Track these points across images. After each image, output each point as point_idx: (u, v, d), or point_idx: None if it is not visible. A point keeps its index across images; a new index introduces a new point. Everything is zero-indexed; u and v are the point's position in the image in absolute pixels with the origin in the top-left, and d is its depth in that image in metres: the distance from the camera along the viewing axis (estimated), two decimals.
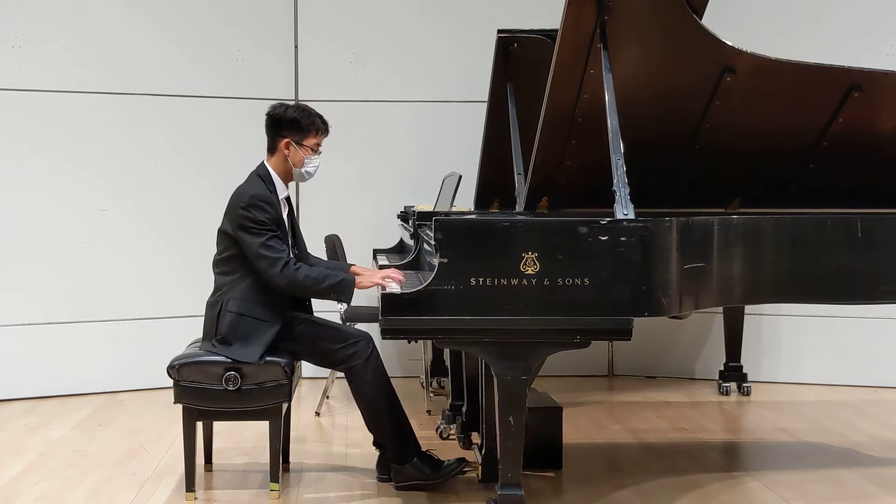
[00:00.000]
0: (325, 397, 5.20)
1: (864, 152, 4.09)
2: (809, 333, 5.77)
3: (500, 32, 4.83)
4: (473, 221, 3.23)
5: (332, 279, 3.64)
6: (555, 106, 3.62)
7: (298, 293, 3.77)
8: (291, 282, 3.61)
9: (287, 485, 3.88)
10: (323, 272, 3.70)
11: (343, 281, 3.63)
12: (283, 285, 3.62)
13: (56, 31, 5.44)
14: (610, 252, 3.10)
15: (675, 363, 6.01)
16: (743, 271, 3.49)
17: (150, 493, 3.79)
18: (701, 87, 3.87)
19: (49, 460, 4.25)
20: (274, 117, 3.80)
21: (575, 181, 3.90)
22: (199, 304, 3.87)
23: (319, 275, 3.66)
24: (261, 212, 3.63)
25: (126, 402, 5.38)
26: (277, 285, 3.63)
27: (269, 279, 3.62)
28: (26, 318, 5.42)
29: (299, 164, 3.79)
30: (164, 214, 5.68)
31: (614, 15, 3.45)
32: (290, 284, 3.62)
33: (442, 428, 4.47)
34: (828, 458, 4.31)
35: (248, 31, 5.82)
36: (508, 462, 3.23)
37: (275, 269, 3.60)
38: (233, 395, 3.62)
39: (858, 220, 3.63)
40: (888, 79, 3.96)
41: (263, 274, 3.63)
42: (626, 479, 3.96)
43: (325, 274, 3.68)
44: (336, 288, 3.63)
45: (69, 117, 5.47)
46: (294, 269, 3.62)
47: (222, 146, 5.71)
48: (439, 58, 5.98)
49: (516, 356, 3.17)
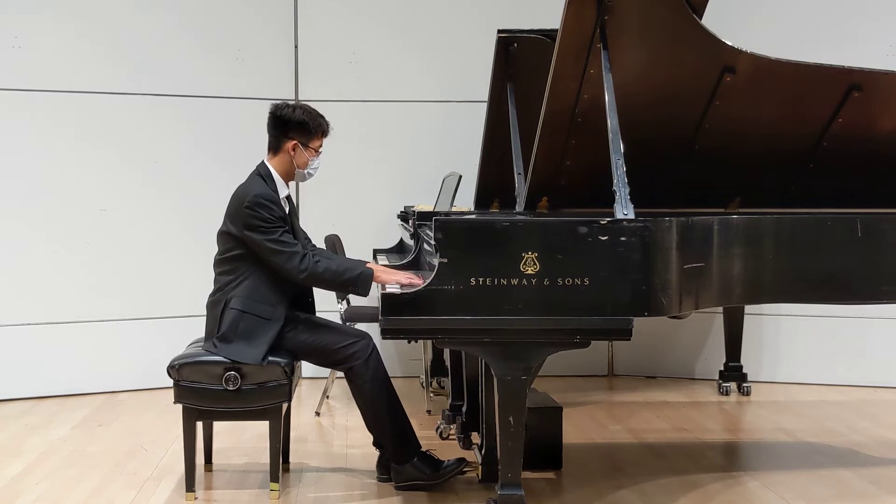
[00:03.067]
0: (325, 397, 5.20)
1: (864, 152, 4.09)
2: (809, 333, 5.77)
3: (500, 32, 4.82)
4: (473, 221, 3.23)
5: (351, 272, 3.62)
6: (555, 106, 3.62)
7: (318, 285, 3.76)
8: (311, 274, 3.61)
9: (287, 485, 3.88)
10: (342, 264, 3.70)
11: (362, 274, 3.61)
12: (303, 278, 3.62)
13: (56, 31, 5.44)
14: (610, 252, 3.10)
15: (675, 363, 6.01)
16: (743, 271, 3.49)
17: (150, 493, 3.79)
18: (701, 87, 3.87)
19: (49, 460, 4.25)
20: (281, 118, 3.77)
21: (575, 181, 3.90)
22: (199, 304, 3.87)
23: (339, 267, 3.66)
24: (266, 210, 3.63)
25: (126, 402, 5.38)
26: (297, 278, 3.62)
27: (287, 273, 3.62)
28: (26, 318, 5.42)
29: (303, 166, 3.79)
30: (165, 214, 5.68)
31: (614, 15, 3.45)
32: (310, 276, 3.62)
33: (442, 428, 4.48)
34: (828, 458, 4.31)
35: (248, 31, 5.82)
36: (508, 462, 3.23)
37: (293, 262, 3.60)
38: (233, 395, 3.63)
39: (858, 220, 3.63)
40: (888, 79, 3.96)
41: (280, 269, 3.62)
42: (626, 479, 3.96)
43: (345, 266, 3.67)
44: (355, 281, 3.61)
45: (69, 117, 5.47)
46: (314, 262, 3.61)
47: (223, 146, 5.71)
48: (439, 58, 5.98)
49: (516, 356, 3.17)
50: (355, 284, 3.62)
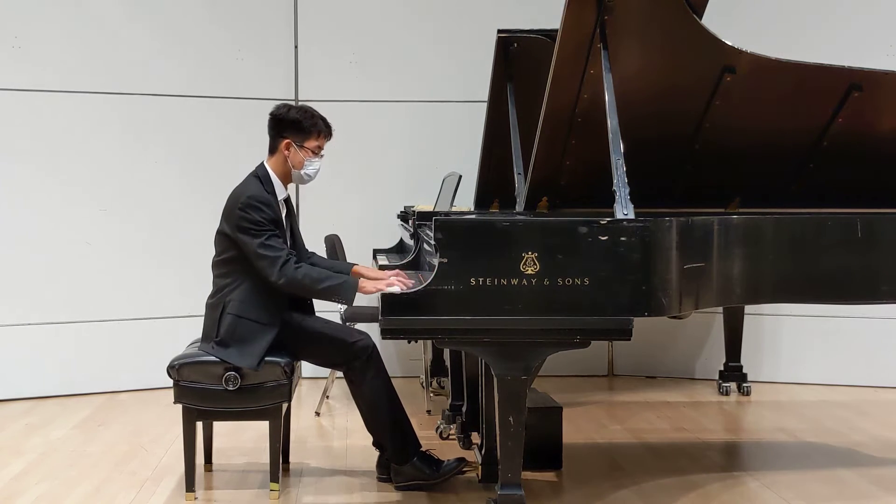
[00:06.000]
0: (325, 397, 5.20)
1: (864, 152, 4.10)
2: (809, 333, 5.77)
3: (500, 32, 4.82)
4: (473, 221, 3.23)
5: (331, 280, 3.61)
6: (555, 106, 3.62)
7: (298, 292, 3.74)
8: (290, 280, 3.60)
9: (287, 485, 3.88)
10: (324, 273, 3.68)
11: (343, 284, 3.59)
12: (282, 283, 3.60)
13: (56, 32, 5.44)
14: (610, 252, 3.10)
15: (675, 363, 6.01)
16: (743, 271, 3.49)
17: (150, 493, 3.79)
18: (701, 87, 3.87)
19: (49, 460, 4.25)
20: (276, 118, 3.78)
21: (575, 181, 3.90)
22: (199, 304, 3.87)
23: (319, 275, 3.64)
24: (258, 212, 3.62)
25: (126, 402, 5.38)
26: (276, 284, 3.61)
27: (267, 278, 3.61)
28: (26, 318, 5.42)
29: (299, 166, 3.78)
30: (165, 214, 5.68)
31: (614, 15, 3.45)
32: (289, 283, 3.60)
33: (442, 428, 4.48)
34: (828, 458, 4.31)
35: (248, 32, 5.82)
36: (508, 462, 3.23)
37: (273, 268, 3.59)
38: (233, 395, 3.62)
39: (858, 220, 3.63)
40: (888, 79, 3.96)
41: (263, 273, 3.62)
42: (626, 479, 3.96)
43: (326, 275, 3.65)
44: (336, 290, 3.59)
45: (69, 117, 5.47)
46: (294, 269, 3.60)
47: (223, 146, 5.72)
48: (439, 58, 5.98)
49: (516, 356, 3.17)
50: (336, 293, 3.59)
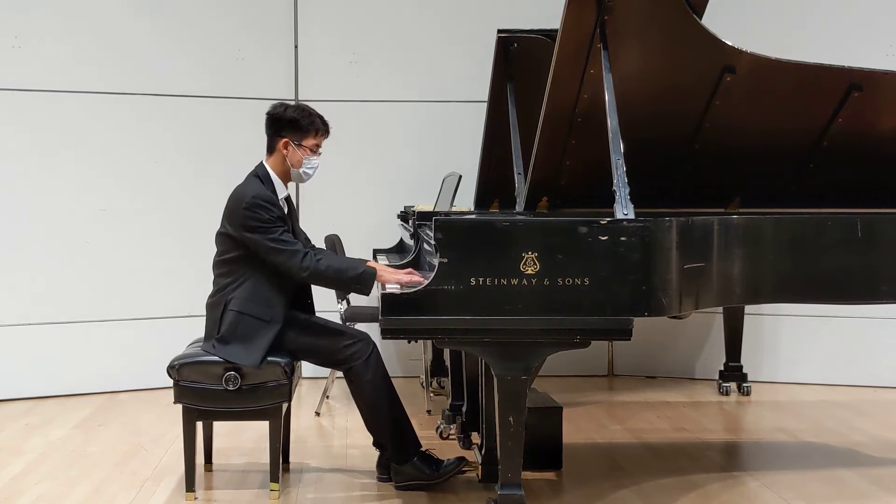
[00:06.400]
0: (325, 397, 5.20)
1: (864, 152, 4.09)
2: (809, 333, 5.77)
3: (500, 32, 4.82)
4: (473, 221, 3.23)
5: (354, 270, 3.61)
6: (555, 106, 3.62)
7: (321, 283, 3.74)
8: (314, 272, 3.60)
9: (287, 485, 3.88)
10: (345, 262, 3.70)
11: (365, 272, 3.59)
12: (306, 276, 3.61)
13: (57, 31, 5.44)
14: (610, 252, 3.10)
15: (675, 363, 6.01)
16: (743, 271, 3.49)
17: (150, 493, 3.79)
18: (701, 87, 3.87)
19: (49, 460, 4.25)
20: (273, 117, 3.79)
21: (575, 181, 3.90)
22: (199, 304, 3.87)
23: (342, 265, 3.66)
24: (265, 210, 3.62)
25: (126, 402, 5.38)
26: (300, 276, 3.62)
27: (289, 272, 3.61)
28: (26, 318, 5.42)
29: (297, 165, 3.78)
30: (165, 214, 5.68)
31: (614, 15, 3.45)
32: (313, 275, 3.61)
33: (442, 428, 4.48)
34: (828, 458, 4.31)
35: (248, 31, 5.82)
36: (508, 462, 3.23)
37: (294, 260, 3.59)
38: (233, 395, 3.62)
39: (858, 220, 3.63)
40: (888, 79, 3.96)
41: (283, 268, 3.61)
42: (626, 479, 3.96)
43: (348, 264, 3.66)
44: (359, 279, 3.58)
45: (69, 117, 5.47)
46: (316, 260, 3.60)
47: (223, 146, 5.72)
48: (439, 58, 5.98)
49: (516, 356, 3.17)
50: (358, 283, 3.60)
